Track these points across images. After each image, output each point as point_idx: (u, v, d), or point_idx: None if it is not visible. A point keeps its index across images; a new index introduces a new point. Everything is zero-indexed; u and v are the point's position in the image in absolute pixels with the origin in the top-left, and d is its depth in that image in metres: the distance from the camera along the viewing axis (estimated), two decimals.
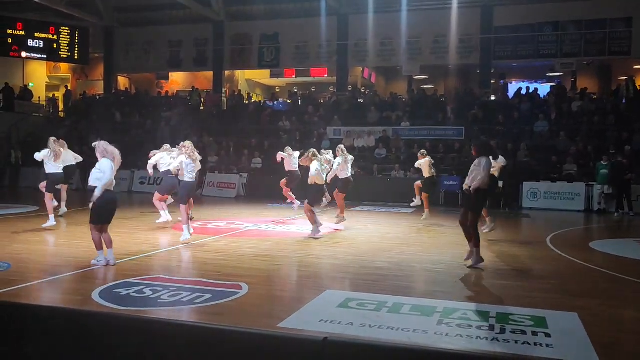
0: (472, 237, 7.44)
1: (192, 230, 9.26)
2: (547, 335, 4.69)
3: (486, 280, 6.91)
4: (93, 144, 7.27)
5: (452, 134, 19.28)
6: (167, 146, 11.15)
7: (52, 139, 10.61)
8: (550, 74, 24.41)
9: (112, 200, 7.12)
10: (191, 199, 10.12)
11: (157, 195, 10.90)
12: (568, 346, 4.50)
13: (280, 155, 13.01)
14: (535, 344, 4.48)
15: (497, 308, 5.44)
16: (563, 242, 10.17)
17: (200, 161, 9.58)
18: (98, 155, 7.10)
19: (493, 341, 4.53)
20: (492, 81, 23.39)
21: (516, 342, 4.52)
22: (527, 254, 8.78)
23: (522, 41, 21.30)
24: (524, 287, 6.54)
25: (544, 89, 23.30)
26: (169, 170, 10.28)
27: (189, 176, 9.08)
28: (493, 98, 22.65)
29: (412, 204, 13.05)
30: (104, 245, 7.07)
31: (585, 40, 20.66)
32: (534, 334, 4.71)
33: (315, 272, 7.41)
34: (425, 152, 12.66)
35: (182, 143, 9.43)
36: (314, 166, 9.78)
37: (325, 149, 11.65)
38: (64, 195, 11.67)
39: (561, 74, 23.80)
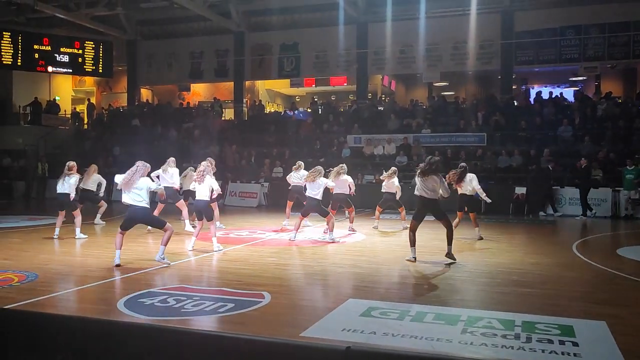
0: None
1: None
2: (575, 344, 4.60)
3: (511, 287, 6.81)
4: None
5: (474, 140, 19.10)
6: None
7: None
8: (574, 78, 24.08)
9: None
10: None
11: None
12: (596, 356, 4.41)
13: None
14: (563, 354, 4.40)
15: (522, 316, 5.35)
16: (590, 248, 9.99)
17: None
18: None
19: (519, 350, 4.46)
20: (514, 86, 23.15)
21: (543, 351, 4.44)
22: (552, 261, 8.62)
23: (543, 46, 21.04)
24: (550, 295, 6.43)
25: (567, 93, 22.97)
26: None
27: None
28: (515, 103, 22.41)
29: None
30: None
31: (609, 43, 20.33)
32: (561, 343, 4.63)
33: (337, 281, 7.39)
34: (394, 170, 12.36)
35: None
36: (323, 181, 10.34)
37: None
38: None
39: (584, 78, 23.47)
